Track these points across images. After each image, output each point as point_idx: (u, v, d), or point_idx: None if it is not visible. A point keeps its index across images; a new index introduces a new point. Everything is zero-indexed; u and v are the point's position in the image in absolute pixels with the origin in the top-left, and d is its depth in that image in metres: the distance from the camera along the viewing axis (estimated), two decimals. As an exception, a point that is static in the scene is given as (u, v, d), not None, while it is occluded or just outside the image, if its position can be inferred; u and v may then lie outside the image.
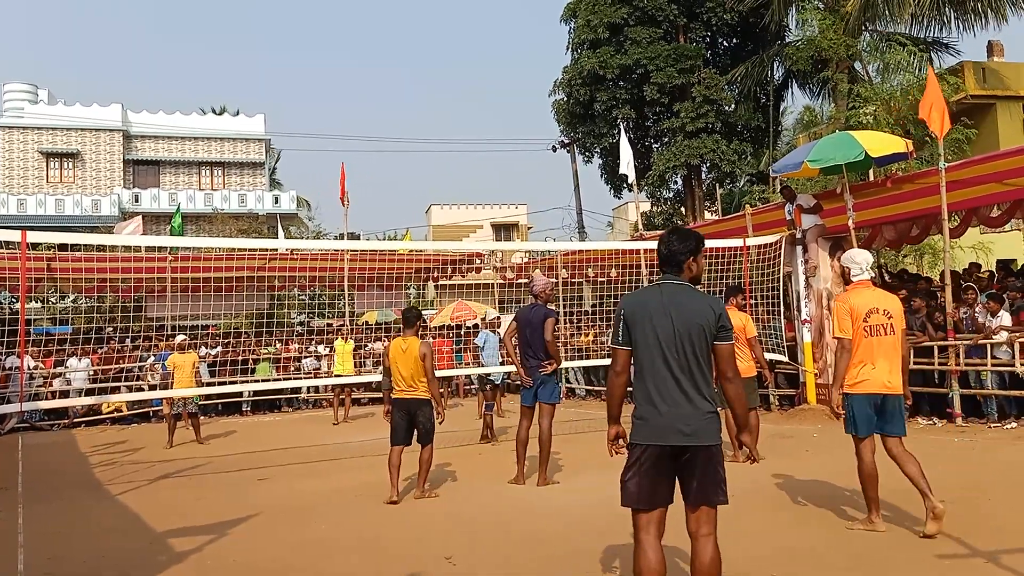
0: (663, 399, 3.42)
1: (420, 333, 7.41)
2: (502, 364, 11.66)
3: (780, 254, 11.92)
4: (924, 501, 5.04)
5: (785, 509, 5.92)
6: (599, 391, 15.72)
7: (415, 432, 7.02)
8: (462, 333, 16.03)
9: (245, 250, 15.49)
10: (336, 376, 13.79)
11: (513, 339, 7.79)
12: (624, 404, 3.62)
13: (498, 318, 16.17)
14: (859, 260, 5.36)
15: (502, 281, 18.19)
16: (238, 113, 40.51)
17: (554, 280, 17.18)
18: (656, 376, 3.45)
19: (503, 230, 40.64)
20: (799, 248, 11.82)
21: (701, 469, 3.42)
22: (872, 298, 5.23)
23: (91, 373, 14.92)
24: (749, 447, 3.74)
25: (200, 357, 13.49)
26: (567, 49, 27.10)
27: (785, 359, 11.70)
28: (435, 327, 17.60)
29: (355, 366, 14.24)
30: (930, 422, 9.97)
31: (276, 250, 16.48)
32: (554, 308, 8.08)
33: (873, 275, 5.51)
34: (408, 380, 6.91)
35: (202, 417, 12.73)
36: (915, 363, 10.20)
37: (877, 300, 5.23)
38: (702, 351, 3.46)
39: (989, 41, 22.98)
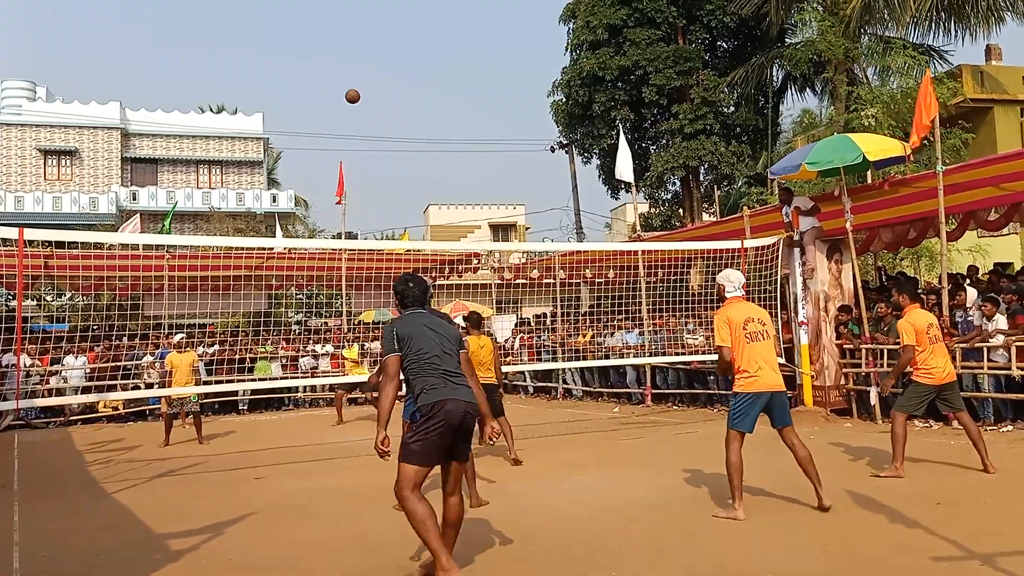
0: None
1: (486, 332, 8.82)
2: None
3: (778, 256, 11.93)
4: (815, 489, 5.77)
5: (780, 512, 5.92)
6: (597, 392, 15.75)
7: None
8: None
9: (242, 249, 15.48)
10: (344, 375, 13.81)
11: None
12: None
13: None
14: (732, 279, 6.03)
15: (500, 281, 18.21)
16: (236, 112, 40.49)
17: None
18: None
19: (501, 230, 40.64)
20: (796, 250, 11.83)
21: None
22: (747, 310, 5.95)
23: (87, 371, 14.89)
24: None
25: (198, 356, 13.46)
26: (566, 50, 27.12)
27: (782, 361, 11.71)
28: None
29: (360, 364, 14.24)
30: (926, 425, 9.98)
31: (273, 249, 16.47)
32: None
33: (743, 293, 6.11)
34: (485, 368, 8.18)
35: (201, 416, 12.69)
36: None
37: (751, 311, 5.96)
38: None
39: (987, 45, 23.06)
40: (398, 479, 4.33)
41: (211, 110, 42.82)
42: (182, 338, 12.05)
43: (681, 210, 27.86)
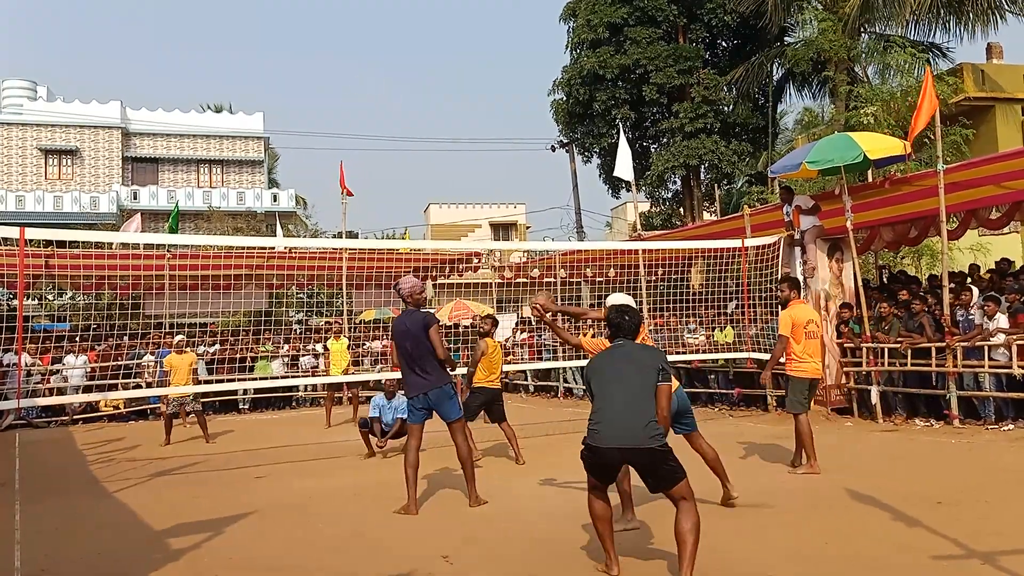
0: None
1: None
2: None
3: (778, 255, 11.92)
4: (723, 487, 6.11)
5: (779, 511, 5.93)
6: (596, 391, 15.70)
7: (489, 413, 8.70)
8: (459, 332, 16.02)
9: (243, 248, 15.48)
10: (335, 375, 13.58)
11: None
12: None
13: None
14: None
15: (500, 280, 18.20)
16: (235, 111, 40.48)
17: (427, 283, 17.20)
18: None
19: (501, 229, 40.64)
20: (797, 249, 11.82)
21: None
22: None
23: (88, 370, 14.89)
24: None
25: (199, 355, 13.42)
26: (566, 49, 27.13)
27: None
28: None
29: (352, 363, 13.96)
30: (927, 424, 9.99)
31: (274, 248, 16.47)
32: (432, 312, 7.23)
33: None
34: (496, 371, 8.59)
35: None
36: (912, 364, 10.24)
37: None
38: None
39: (988, 43, 22.99)
40: None
41: (211, 109, 42.81)
42: (181, 339, 12.02)
43: (682, 209, 27.86)
